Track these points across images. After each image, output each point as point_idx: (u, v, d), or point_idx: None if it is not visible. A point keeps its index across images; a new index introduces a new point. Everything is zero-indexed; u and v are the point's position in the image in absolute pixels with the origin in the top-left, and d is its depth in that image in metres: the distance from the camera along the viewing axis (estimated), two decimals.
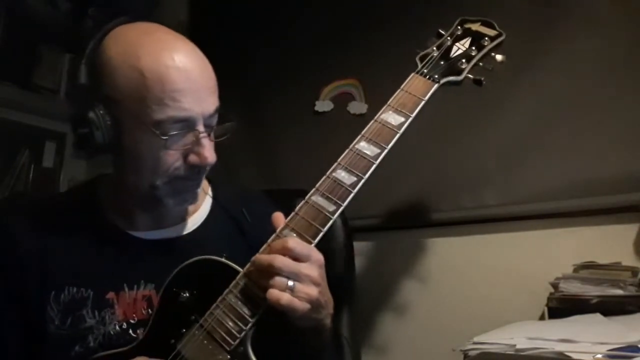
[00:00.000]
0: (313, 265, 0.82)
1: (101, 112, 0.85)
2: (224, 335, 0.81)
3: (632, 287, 1.26)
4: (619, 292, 1.26)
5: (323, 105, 1.82)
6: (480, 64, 1.03)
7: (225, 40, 2.06)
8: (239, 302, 0.82)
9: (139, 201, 0.95)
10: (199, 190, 0.95)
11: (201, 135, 0.87)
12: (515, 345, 0.93)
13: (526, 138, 1.51)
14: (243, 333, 0.81)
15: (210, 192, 1.06)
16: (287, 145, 1.86)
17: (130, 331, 0.91)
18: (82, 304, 0.90)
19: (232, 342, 0.81)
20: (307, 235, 0.85)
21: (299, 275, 0.81)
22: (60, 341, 0.89)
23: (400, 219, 1.65)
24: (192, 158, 0.88)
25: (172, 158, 0.87)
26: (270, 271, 0.80)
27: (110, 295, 0.91)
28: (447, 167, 1.60)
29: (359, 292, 1.49)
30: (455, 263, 1.61)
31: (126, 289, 0.92)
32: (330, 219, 0.86)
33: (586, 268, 1.35)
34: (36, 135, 1.94)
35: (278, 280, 0.80)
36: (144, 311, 0.92)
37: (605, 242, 1.41)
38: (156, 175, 0.88)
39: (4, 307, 0.91)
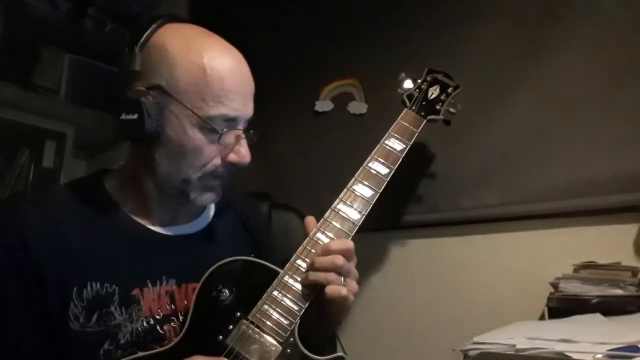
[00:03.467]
0: (355, 264, 0.96)
1: (151, 97, 0.88)
2: (276, 328, 0.89)
3: (632, 287, 1.26)
4: (619, 292, 1.26)
5: (323, 105, 1.82)
6: (446, 108, 1.30)
7: (225, 40, 2.06)
8: (285, 298, 0.91)
9: (160, 195, 0.96)
10: (220, 191, 0.98)
11: (242, 135, 0.95)
12: (515, 345, 0.93)
13: (526, 138, 1.50)
14: (293, 325, 0.89)
15: None
16: (287, 145, 1.86)
17: (158, 327, 0.92)
18: (109, 300, 0.89)
19: (285, 334, 0.88)
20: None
21: (350, 272, 0.94)
22: (87, 338, 0.88)
23: (399, 219, 1.65)
24: (231, 156, 0.94)
25: (213, 154, 0.92)
26: (331, 268, 0.91)
27: (136, 291, 0.92)
28: (447, 167, 1.60)
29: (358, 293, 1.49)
30: (455, 263, 1.61)
31: (149, 285, 0.93)
32: (357, 225, 0.99)
33: (586, 268, 1.35)
34: (36, 135, 1.94)
35: (336, 276, 0.91)
36: (167, 306, 0.94)
37: (605, 242, 1.41)
38: (193, 170, 0.91)
39: (22, 309, 0.88)
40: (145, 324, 0.91)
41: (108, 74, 2.00)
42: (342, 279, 0.92)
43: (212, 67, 0.89)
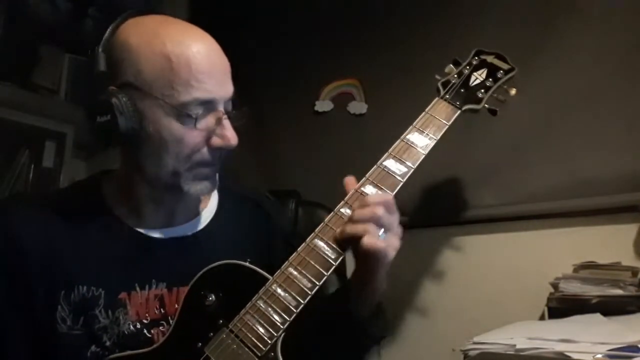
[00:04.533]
0: (397, 220, 0.89)
1: (124, 98, 0.85)
2: (255, 340, 0.82)
3: (632, 287, 1.26)
4: (619, 292, 1.26)
5: (323, 105, 1.82)
6: (494, 95, 1.09)
7: (225, 40, 2.06)
8: (269, 309, 0.84)
9: (153, 194, 0.94)
10: (215, 180, 0.95)
11: (223, 116, 0.89)
12: (515, 345, 0.93)
13: (526, 138, 1.51)
14: (274, 339, 0.82)
15: (215, 193, 1.05)
16: (287, 145, 1.86)
17: (145, 331, 0.90)
18: (94, 304, 0.89)
19: (263, 348, 0.82)
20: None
21: (391, 226, 0.88)
22: (74, 341, 0.88)
23: (400, 219, 1.65)
24: (215, 141, 0.89)
25: (196, 141, 0.88)
26: (370, 219, 0.85)
27: (123, 295, 0.90)
28: (447, 167, 1.59)
29: None
30: (455, 263, 1.61)
31: (138, 289, 0.91)
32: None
33: (586, 268, 1.35)
34: (36, 135, 1.93)
35: (375, 228, 0.85)
36: (156, 310, 0.92)
37: (605, 242, 1.41)
38: (179, 161, 0.88)
39: (9, 310, 0.88)
40: (131, 327, 0.90)
41: None
42: (382, 231, 0.86)
43: (177, 53, 0.85)
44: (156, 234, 0.96)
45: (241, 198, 1.09)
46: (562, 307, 1.28)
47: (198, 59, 0.86)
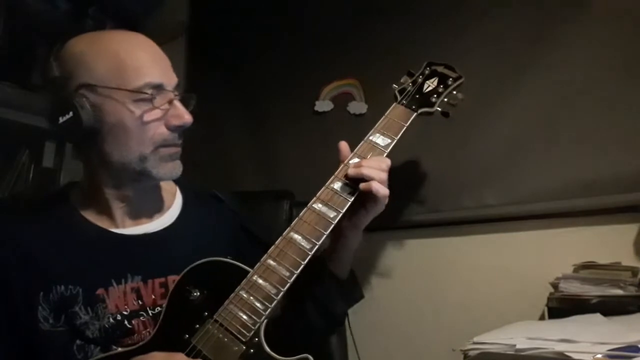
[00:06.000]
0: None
1: (82, 98, 0.94)
2: (240, 327, 0.88)
3: (632, 287, 1.26)
4: (619, 292, 1.26)
5: (323, 105, 1.82)
6: (446, 99, 1.24)
7: (226, 40, 2.06)
8: (251, 298, 0.90)
9: (119, 193, 1.01)
10: (180, 162, 1.02)
11: (174, 97, 0.98)
12: (515, 345, 0.93)
13: (526, 138, 1.51)
14: (257, 325, 0.88)
15: (178, 192, 1.14)
16: (287, 145, 1.86)
17: (125, 322, 0.96)
18: (73, 301, 0.95)
19: (248, 334, 0.88)
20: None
21: (387, 185, 1.02)
22: (59, 337, 0.94)
23: (399, 218, 1.65)
24: (172, 120, 0.98)
25: (155, 123, 0.96)
26: (377, 167, 1.01)
27: (100, 291, 0.96)
28: (447, 167, 1.59)
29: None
30: (455, 263, 1.61)
31: (114, 284, 0.97)
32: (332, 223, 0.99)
33: (586, 268, 1.35)
34: (36, 135, 1.93)
35: (382, 177, 1.01)
36: (134, 302, 0.98)
37: (605, 242, 1.41)
38: (143, 144, 0.96)
39: None
40: (112, 320, 0.95)
41: None
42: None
43: (123, 48, 0.95)
44: (127, 232, 1.03)
45: (203, 195, 1.17)
46: (562, 307, 1.28)
47: (142, 50, 0.97)
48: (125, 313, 0.97)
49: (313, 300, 1.04)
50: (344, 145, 1.10)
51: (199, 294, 0.92)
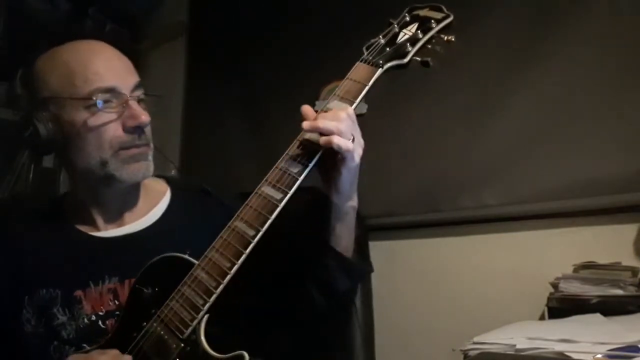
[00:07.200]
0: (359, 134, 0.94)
1: (42, 112, 0.97)
2: (178, 324, 0.86)
3: (632, 287, 1.26)
4: (619, 292, 1.26)
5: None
6: (429, 46, 1.00)
7: (226, 40, 2.06)
8: (192, 293, 0.87)
9: (95, 196, 1.03)
10: (150, 162, 1.02)
11: (129, 98, 0.98)
12: (515, 345, 0.93)
13: (526, 138, 1.51)
14: (195, 321, 0.85)
15: (168, 191, 1.13)
16: (287, 145, 1.86)
17: (100, 322, 0.98)
18: (52, 304, 0.97)
19: (185, 330, 0.85)
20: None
21: (356, 134, 0.94)
22: (39, 339, 0.97)
23: (399, 218, 1.65)
24: (128, 121, 0.97)
25: (109, 125, 0.97)
26: (335, 121, 0.92)
27: (78, 293, 0.98)
28: (447, 167, 1.60)
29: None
30: (455, 263, 1.61)
31: (92, 285, 0.99)
32: (278, 206, 0.90)
33: (586, 268, 1.35)
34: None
35: (343, 129, 0.91)
36: (110, 303, 0.99)
37: (605, 242, 1.41)
38: (102, 150, 0.97)
39: None
40: (86, 320, 0.97)
41: None
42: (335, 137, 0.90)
43: (73, 59, 0.98)
44: (107, 234, 1.04)
45: (192, 191, 1.15)
46: (562, 307, 1.28)
47: (93, 58, 0.98)
48: (100, 314, 0.98)
49: (313, 279, 1.00)
50: (307, 109, 1.00)
51: (150, 291, 0.92)
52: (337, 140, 0.90)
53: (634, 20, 1.42)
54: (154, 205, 1.09)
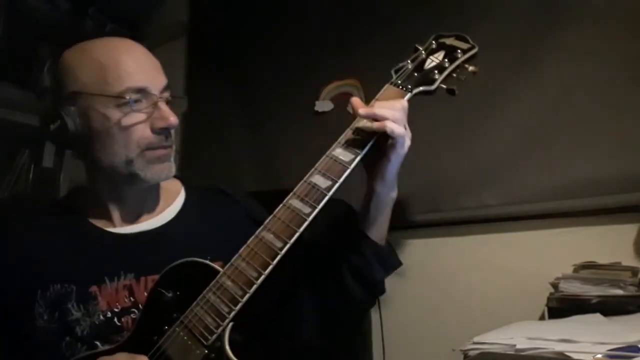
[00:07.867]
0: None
1: (70, 106, 0.97)
2: (203, 331, 0.86)
3: (632, 287, 1.26)
4: (619, 292, 1.26)
5: (323, 105, 1.82)
6: (454, 75, 1.05)
7: (226, 40, 2.06)
8: (218, 300, 0.87)
9: (115, 193, 1.03)
10: (172, 164, 1.02)
11: (159, 99, 0.99)
12: (515, 345, 0.93)
13: (526, 138, 1.51)
14: (220, 328, 0.85)
15: (183, 190, 1.13)
16: (287, 145, 1.86)
17: (115, 319, 0.97)
18: (67, 299, 0.96)
19: (210, 337, 0.85)
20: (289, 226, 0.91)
21: (406, 125, 0.97)
22: (51, 334, 0.96)
23: (399, 218, 1.65)
24: (157, 122, 0.98)
25: (138, 125, 0.97)
26: (391, 109, 0.94)
27: (93, 289, 0.98)
28: (447, 167, 1.60)
29: None
30: (455, 263, 1.61)
31: (107, 282, 0.99)
32: (306, 220, 0.91)
33: (586, 268, 1.35)
34: (36, 135, 1.94)
35: (398, 116, 0.94)
36: (126, 299, 0.99)
37: (605, 242, 1.41)
38: (129, 149, 0.97)
39: None
40: (102, 317, 0.97)
41: None
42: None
43: (105, 55, 0.97)
44: (123, 231, 1.04)
45: (207, 192, 1.17)
46: (562, 307, 1.28)
47: (126, 56, 0.98)
48: (116, 310, 0.98)
49: (349, 267, 1.01)
50: (357, 100, 0.99)
51: (172, 295, 0.91)
52: (391, 124, 0.93)
53: (634, 19, 1.42)
54: (169, 204, 1.10)
